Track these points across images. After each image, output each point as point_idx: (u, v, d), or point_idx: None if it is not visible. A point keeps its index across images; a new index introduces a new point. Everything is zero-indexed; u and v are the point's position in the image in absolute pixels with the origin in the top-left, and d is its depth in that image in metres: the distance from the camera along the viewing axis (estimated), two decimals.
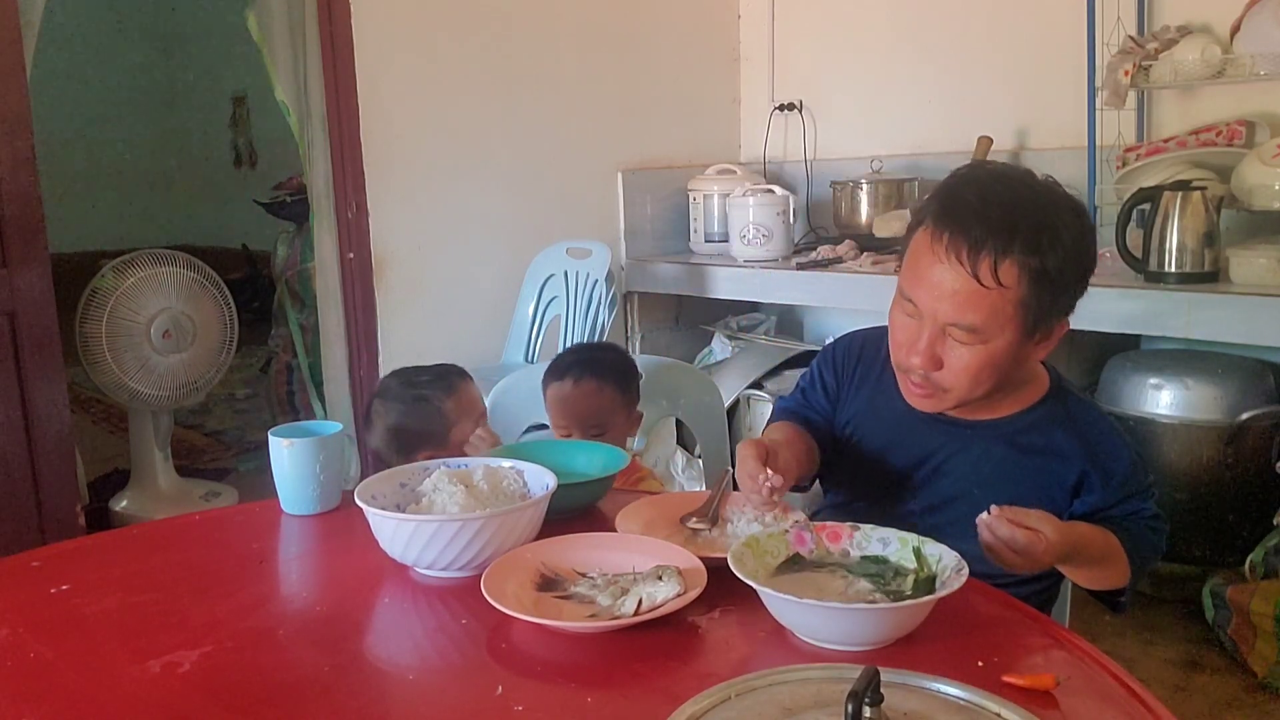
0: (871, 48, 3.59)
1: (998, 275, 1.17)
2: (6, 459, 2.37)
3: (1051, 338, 1.26)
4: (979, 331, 1.21)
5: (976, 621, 1.06)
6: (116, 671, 1.00)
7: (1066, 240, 1.19)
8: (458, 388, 1.70)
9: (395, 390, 1.73)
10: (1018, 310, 1.19)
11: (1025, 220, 1.18)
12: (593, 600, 1.06)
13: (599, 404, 1.80)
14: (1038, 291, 1.19)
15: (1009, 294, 1.18)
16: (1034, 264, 1.17)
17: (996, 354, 1.22)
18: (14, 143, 2.33)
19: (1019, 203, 1.20)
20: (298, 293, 3.84)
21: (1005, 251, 1.17)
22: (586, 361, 1.86)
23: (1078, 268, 1.22)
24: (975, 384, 1.25)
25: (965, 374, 1.24)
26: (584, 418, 1.78)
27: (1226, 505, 2.59)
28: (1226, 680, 2.35)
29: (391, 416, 1.68)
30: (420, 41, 3.12)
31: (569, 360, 1.88)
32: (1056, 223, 1.19)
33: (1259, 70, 2.53)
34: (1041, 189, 1.23)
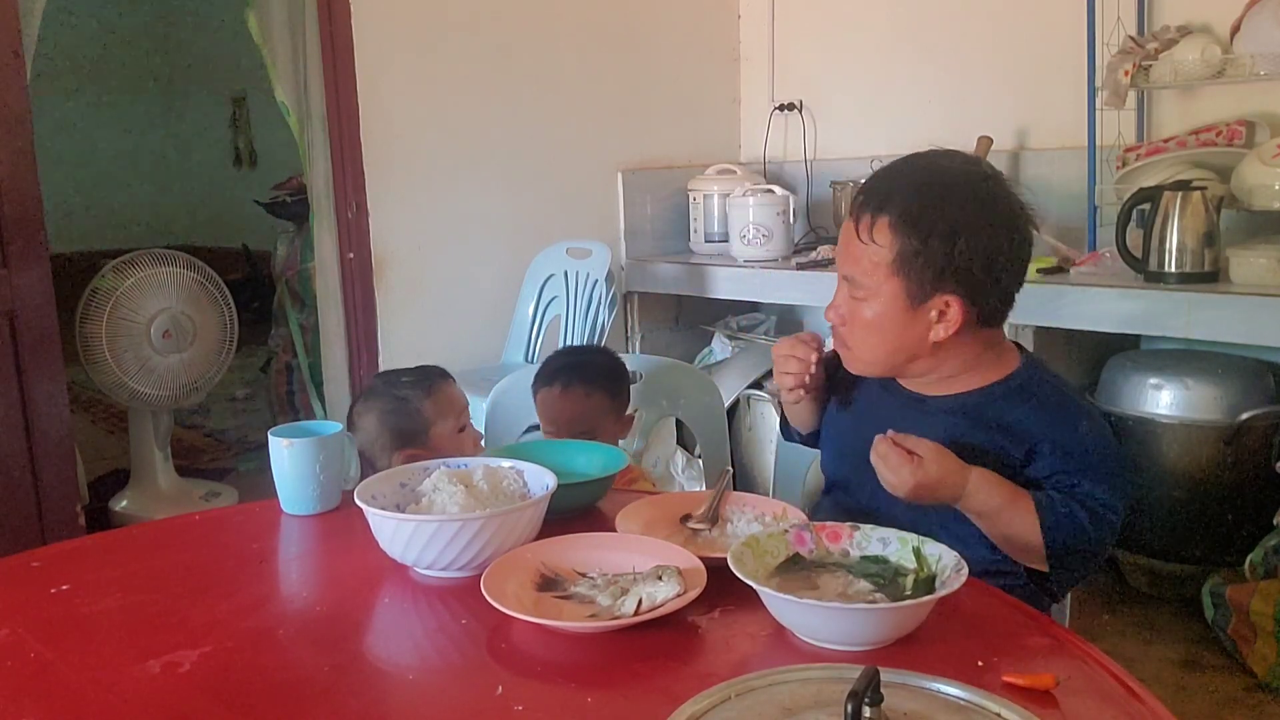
0: (871, 48, 3.59)
1: (872, 233, 1.30)
2: (6, 459, 2.37)
3: (947, 316, 1.31)
4: (859, 285, 1.34)
5: (976, 621, 1.06)
6: (116, 671, 1.00)
7: (944, 219, 1.27)
8: (436, 388, 1.70)
9: (376, 391, 1.73)
10: (892, 271, 1.30)
11: (908, 193, 1.29)
12: (593, 600, 1.06)
13: (586, 409, 1.80)
14: (910, 258, 1.28)
15: (881, 252, 1.30)
16: (906, 230, 1.28)
17: (882, 316, 1.33)
18: (14, 143, 2.33)
19: (913, 179, 1.32)
20: (298, 293, 3.84)
21: (880, 213, 1.29)
22: (574, 366, 1.86)
23: (957, 249, 1.27)
24: (869, 342, 1.36)
25: (860, 329, 1.36)
26: (571, 423, 1.78)
27: (1226, 505, 2.59)
28: (1226, 680, 2.35)
29: (371, 417, 1.69)
30: (420, 41, 3.12)
31: (556, 365, 1.87)
32: (938, 201, 1.28)
33: (1259, 70, 2.53)
34: (947, 174, 1.32)
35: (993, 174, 1.35)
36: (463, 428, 1.70)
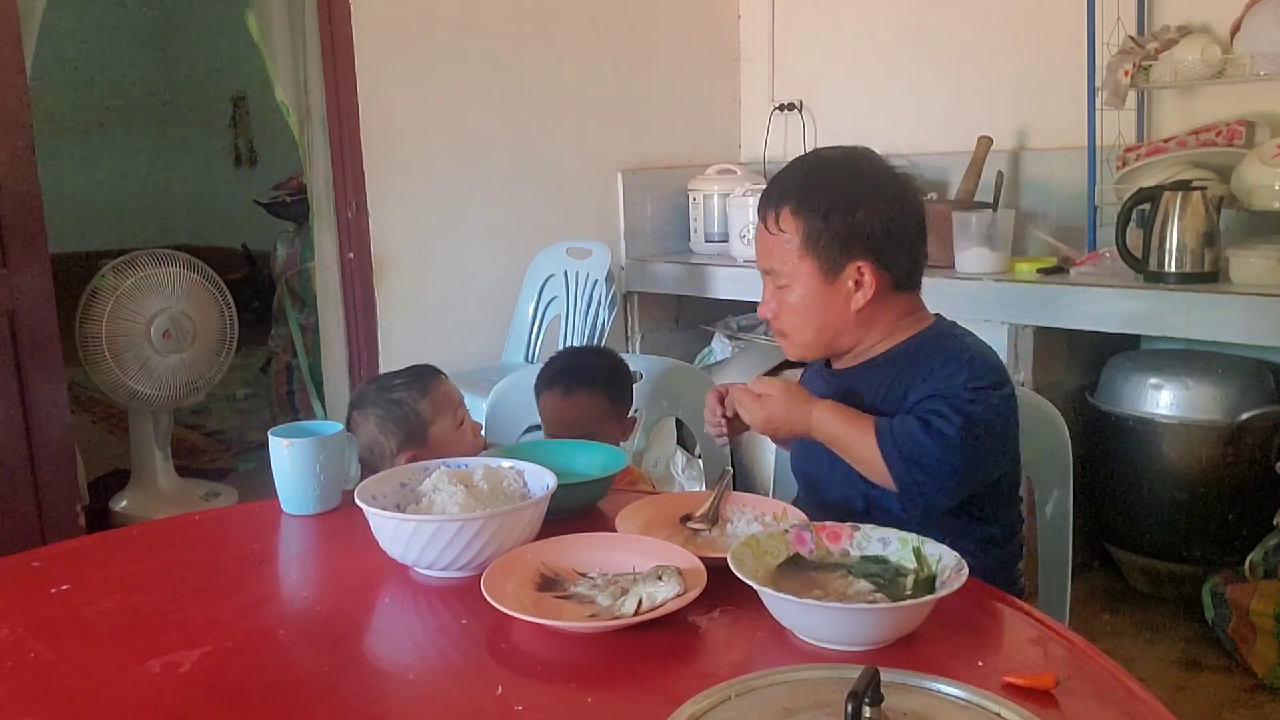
0: (871, 48, 3.59)
1: (779, 224, 1.42)
2: (6, 459, 2.37)
3: (863, 282, 1.41)
4: (779, 274, 1.44)
5: (976, 621, 1.06)
6: (116, 671, 1.00)
7: (839, 197, 1.40)
8: (430, 386, 1.69)
9: (370, 397, 1.72)
10: (803, 253, 1.41)
11: (802, 181, 1.43)
12: (593, 600, 1.06)
13: (588, 413, 1.79)
14: (816, 236, 1.39)
15: (790, 238, 1.41)
16: (807, 212, 1.40)
17: (805, 296, 1.42)
18: (14, 143, 2.33)
19: (803, 170, 1.46)
20: (298, 293, 3.84)
21: (781, 204, 1.42)
22: (576, 369, 1.85)
23: (856, 220, 1.39)
24: (799, 324, 1.45)
25: (789, 315, 1.45)
26: (573, 427, 1.78)
27: (1226, 505, 2.59)
28: (1226, 680, 2.35)
29: (369, 424, 1.68)
30: (420, 41, 3.12)
31: (558, 367, 1.86)
32: (830, 183, 1.42)
33: (1259, 70, 2.53)
34: (835, 161, 1.46)
35: (871, 154, 1.48)
36: (460, 422, 1.69)
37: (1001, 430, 1.37)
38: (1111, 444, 2.71)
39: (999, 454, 1.39)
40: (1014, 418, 1.40)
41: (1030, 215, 3.13)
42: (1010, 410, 1.39)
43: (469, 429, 1.71)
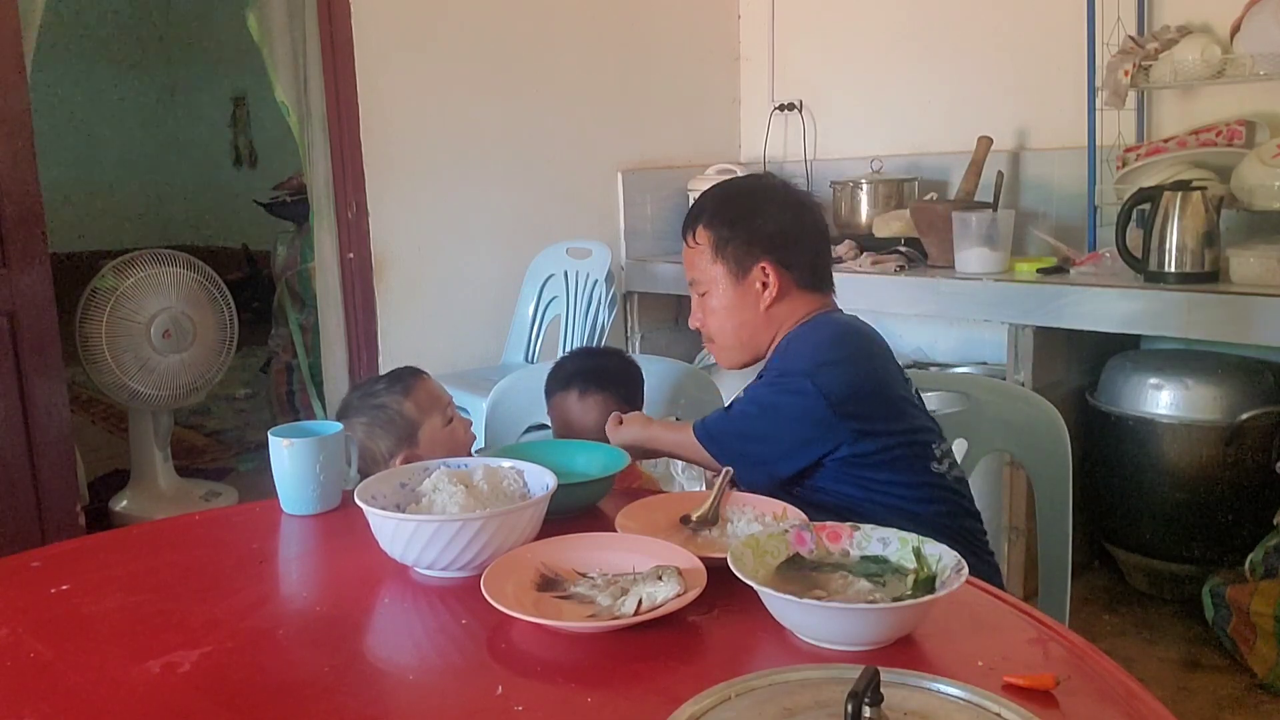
0: (871, 48, 3.59)
1: (695, 237, 1.60)
2: (6, 459, 2.37)
3: (771, 284, 1.56)
4: (699, 282, 1.61)
5: (976, 621, 1.06)
6: (116, 671, 1.00)
7: (741, 208, 1.59)
8: (413, 386, 1.68)
9: (355, 405, 1.70)
10: (714, 258, 1.58)
11: (713, 199, 1.63)
12: (593, 600, 1.06)
13: (602, 416, 1.78)
14: (724, 242, 1.57)
15: (703, 248, 1.59)
16: (716, 223, 1.58)
17: (721, 298, 1.59)
18: (14, 143, 2.33)
19: (715, 192, 1.66)
20: (298, 293, 3.84)
21: (697, 220, 1.61)
22: (591, 371, 1.83)
23: (757, 224, 1.57)
24: (719, 327, 1.61)
25: (712, 319, 1.62)
26: (585, 429, 1.77)
27: (1226, 505, 2.59)
28: (1226, 680, 2.35)
29: (358, 431, 1.66)
30: (420, 41, 3.12)
31: (572, 369, 1.85)
32: (734, 198, 1.62)
33: (1259, 70, 2.53)
34: (739, 184, 1.73)
35: (774, 176, 1.72)
36: (450, 420, 1.69)
37: (801, 413, 1.47)
38: (1111, 444, 2.71)
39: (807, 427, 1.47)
40: (826, 395, 1.46)
41: (1030, 215, 3.13)
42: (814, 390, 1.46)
43: (459, 426, 1.70)
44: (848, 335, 1.54)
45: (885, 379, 1.51)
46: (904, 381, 1.56)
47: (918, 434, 1.51)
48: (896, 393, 1.51)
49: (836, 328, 1.55)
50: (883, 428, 1.47)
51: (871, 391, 1.48)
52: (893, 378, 1.53)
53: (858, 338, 1.54)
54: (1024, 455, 1.74)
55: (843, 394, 1.45)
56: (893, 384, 1.52)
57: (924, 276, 2.89)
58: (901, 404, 1.51)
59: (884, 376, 1.51)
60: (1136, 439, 2.65)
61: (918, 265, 3.01)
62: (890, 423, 1.49)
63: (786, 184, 1.66)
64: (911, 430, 1.51)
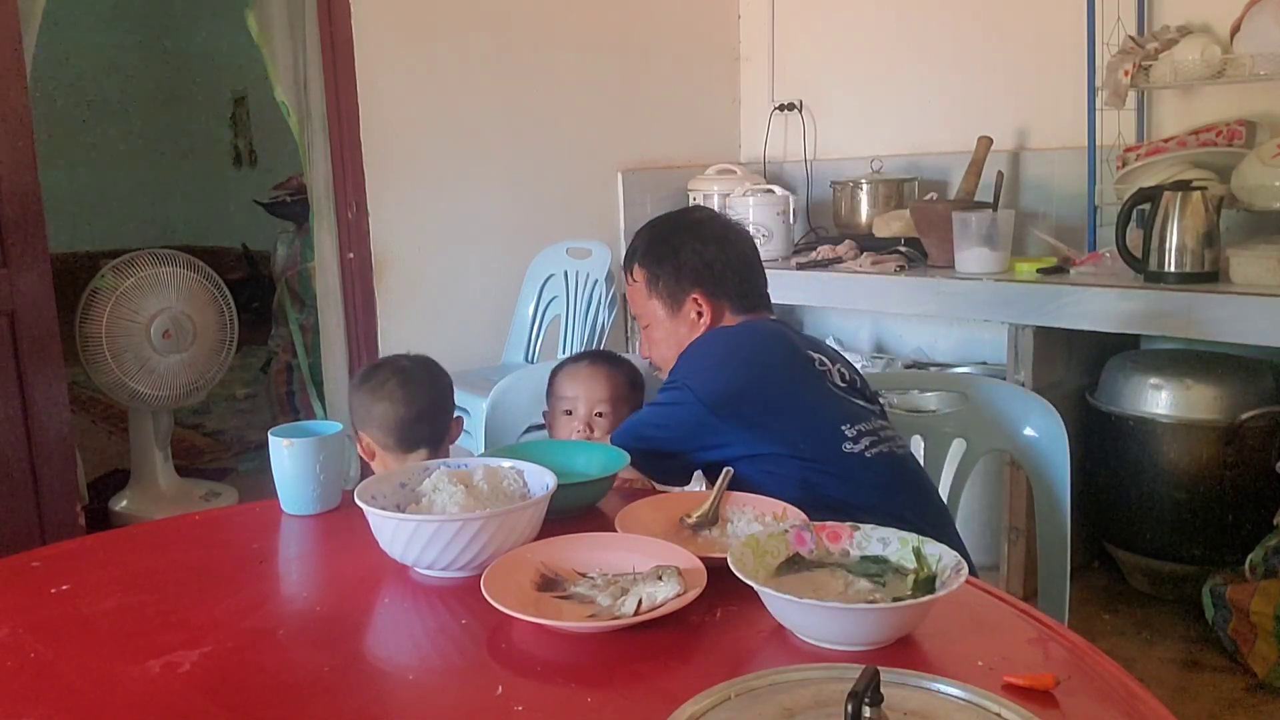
0: (871, 48, 3.59)
1: (632, 274, 1.72)
2: (6, 459, 2.37)
3: (704, 313, 1.66)
4: (640, 314, 1.73)
5: (976, 621, 1.06)
6: (116, 671, 1.00)
7: (669, 245, 1.68)
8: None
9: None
10: (649, 294, 1.69)
11: (645, 238, 1.73)
12: (593, 600, 1.06)
13: (609, 386, 1.81)
14: (654, 279, 1.68)
15: (639, 285, 1.70)
16: (647, 261, 1.69)
17: (661, 330, 1.69)
18: (14, 143, 2.33)
19: (648, 230, 1.74)
20: (298, 293, 3.84)
21: (632, 259, 1.72)
22: (604, 353, 1.94)
23: (684, 260, 1.66)
24: (661, 356, 1.71)
25: (655, 349, 1.72)
26: (592, 393, 1.79)
27: (1226, 505, 2.59)
28: (1226, 680, 2.35)
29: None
30: (420, 41, 3.12)
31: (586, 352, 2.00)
32: (663, 236, 1.71)
33: (1259, 70, 2.53)
34: (670, 220, 1.76)
35: (703, 209, 1.83)
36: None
37: (684, 415, 1.54)
38: (1111, 444, 2.71)
39: (688, 432, 1.53)
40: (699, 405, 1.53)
41: (1030, 215, 3.13)
42: (686, 401, 1.54)
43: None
44: (728, 342, 1.63)
45: (764, 376, 1.57)
46: (807, 371, 1.58)
47: (819, 420, 1.53)
48: (784, 388, 1.56)
49: (721, 336, 1.64)
50: (771, 420, 1.52)
51: (747, 391, 1.54)
52: (777, 373, 1.57)
53: (738, 343, 1.62)
54: (1024, 455, 1.74)
55: (717, 397, 1.52)
56: (775, 380, 1.56)
57: (924, 276, 2.89)
58: (791, 397, 1.55)
59: (762, 374, 1.57)
60: (1136, 439, 2.65)
61: (918, 265, 3.01)
62: (779, 415, 1.53)
63: (714, 215, 1.79)
64: (810, 418, 1.54)
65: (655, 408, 1.62)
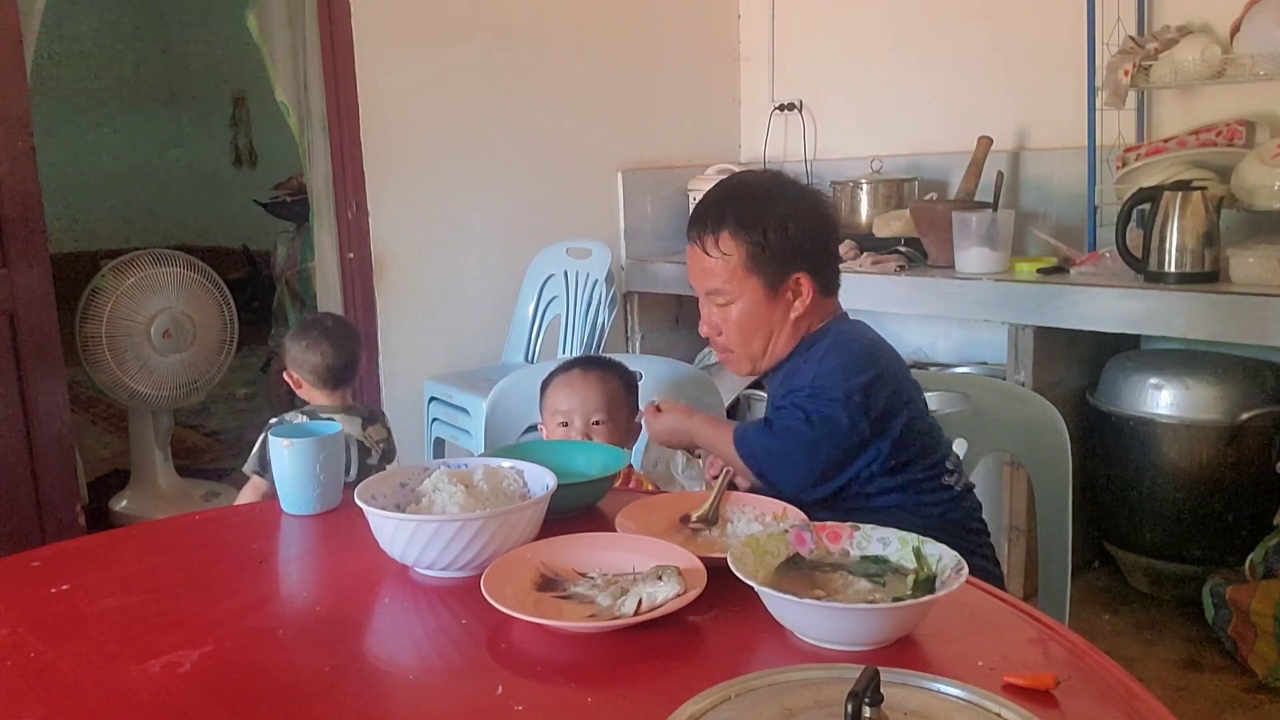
0: (871, 48, 3.59)
1: (719, 246, 1.51)
2: (6, 459, 2.37)
3: (802, 293, 1.52)
4: (724, 294, 1.53)
5: (976, 621, 1.06)
6: (116, 671, 1.00)
7: (773, 215, 1.50)
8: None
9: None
10: (747, 271, 1.50)
11: (734, 203, 1.52)
12: (593, 600, 1.06)
13: (603, 392, 1.81)
14: (758, 253, 1.50)
15: (732, 259, 1.51)
16: (746, 232, 1.50)
17: (749, 310, 1.52)
18: (14, 143, 2.33)
19: (735, 193, 1.55)
20: (298, 293, 3.84)
21: (719, 227, 1.51)
22: (593, 358, 1.92)
23: (786, 234, 1.50)
24: (744, 339, 1.55)
25: (733, 330, 1.55)
26: (587, 402, 1.79)
27: (1226, 505, 2.59)
28: (1226, 680, 2.35)
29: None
30: (420, 41, 3.12)
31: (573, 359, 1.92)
32: (763, 203, 1.52)
33: (1259, 70, 2.53)
34: (757, 183, 1.57)
35: (785, 174, 1.61)
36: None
37: (849, 425, 1.44)
38: (1111, 444, 2.71)
39: (848, 445, 1.45)
40: (866, 411, 1.44)
41: (1030, 215, 3.13)
42: (854, 406, 1.44)
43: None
44: (877, 350, 1.52)
45: (915, 394, 1.52)
46: (920, 393, 1.56)
47: (937, 449, 1.53)
48: (921, 407, 1.53)
49: (865, 342, 1.53)
50: (916, 440, 1.49)
51: (903, 406, 1.48)
52: (915, 390, 1.54)
53: (886, 352, 1.54)
54: (1024, 455, 1.74)
55: (880, 411, 1.45)
56: (918, 398, 1.53)
57: (924, 276, 2.89)
58: (924, 420, 1.52)
59: (914, 392, 1.52)
60: (1136, 439, 2.65)
61: (918, 265, 3.01)
62: (920, 437, 1.50)
63: (803, 184, 1.60)
64: (933, 446, 1.52)
65: (811, 414, 1.45)
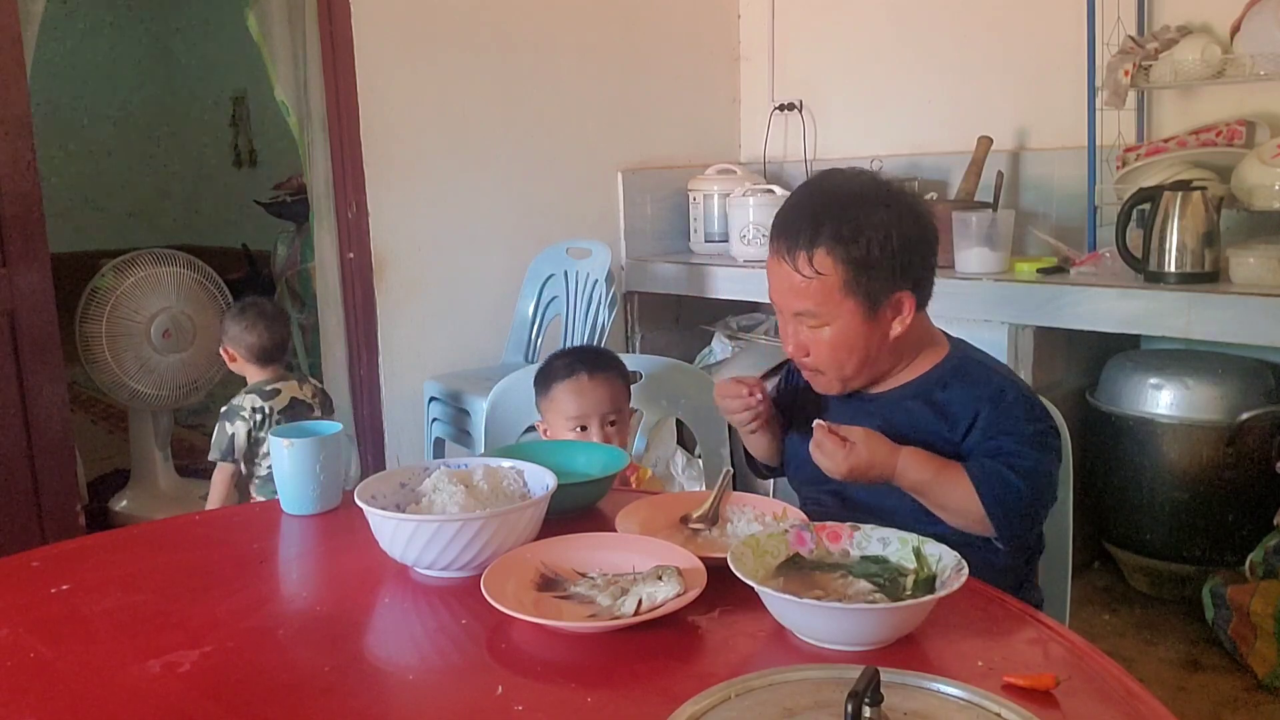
0: (871, 48, 3.59)
1: (814, 265, 1.35)
2: (6, 459, 2.37)
3: (903, 310, 1.39)
4: (818, 316, 1.38)
5: (976, 621, 1.06)
6: (116, 671, 1.00)
7: (873, 227, 1.35)
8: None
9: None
10: (845, 291, 1.36)
11: (831, 216, 1.35)
12: (593, 600, 1.06)
13: (614, 393, 1.80)
14: (856, 273, 1.35)
15: (829, 280, 1.35)
16: (841, 251, 1.34)
17: (847, 331, 1.38)
18: (14, 143, 2.33)
19: (830, 201, 1.38)
20: (298, 293, 3.84)
21: (814, 245, 1.35)
22: (592, 356, 1.87)
23: (888, 249, 1.35)
24: (840, 360, 1.41)
25: (825, 352, 1.40)
26: (602, 405, 1.78)
27: (1226, 505, 2.59)
28: (1226, 680, 2.35)
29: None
30: (420, 42, 3.12)
31: (571, 358, 1.87)
32: (863, 214, 1.35)
33: (1259, 70, 2.53)
34: (859, 186, 1.40)
35: (873, 173, 1.46)
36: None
37: (1057, 470, 1.39)
38: (1111, 444, 2.71)
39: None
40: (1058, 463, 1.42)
41: (1030, 215, 3.13)
42: (1058, 457, 1.41)
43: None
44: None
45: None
46: None
47: None
48: None
49: (1021, 380, 1.48)
50: None
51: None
52: None
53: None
54: None
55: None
56: None
57: None
58: None
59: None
60: (1136, 439, 2.65)
61: None
62: None
63: (891, 184, 1.43)
64: None
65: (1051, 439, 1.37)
